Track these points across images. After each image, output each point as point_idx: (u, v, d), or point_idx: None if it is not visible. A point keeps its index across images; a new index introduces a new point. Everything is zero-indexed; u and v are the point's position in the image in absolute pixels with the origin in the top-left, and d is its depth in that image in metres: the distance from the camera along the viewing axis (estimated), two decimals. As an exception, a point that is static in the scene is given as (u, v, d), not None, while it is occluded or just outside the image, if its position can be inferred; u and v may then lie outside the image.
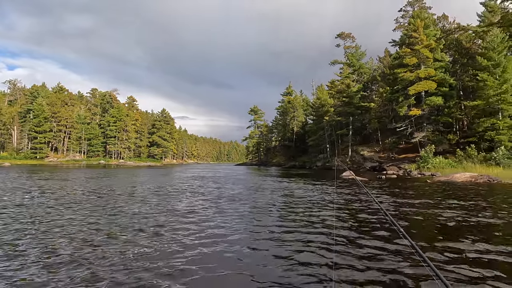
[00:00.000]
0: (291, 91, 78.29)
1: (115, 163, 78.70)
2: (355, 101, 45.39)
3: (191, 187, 15.01)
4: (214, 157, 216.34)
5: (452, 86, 34.38)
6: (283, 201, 10.03)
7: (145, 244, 4.91)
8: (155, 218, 6.99)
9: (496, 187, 14.06)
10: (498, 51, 28.29)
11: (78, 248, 4.65)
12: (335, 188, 13.82)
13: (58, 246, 4.78)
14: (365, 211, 8.04)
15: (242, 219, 7.09)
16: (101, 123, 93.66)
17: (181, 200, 10.12)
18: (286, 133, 75.40)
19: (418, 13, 36.11)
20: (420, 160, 30.06)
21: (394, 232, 5.47)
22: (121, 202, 9.53)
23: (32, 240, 5.10)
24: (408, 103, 34.17)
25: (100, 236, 5.39)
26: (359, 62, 53.20)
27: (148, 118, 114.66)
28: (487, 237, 5.42)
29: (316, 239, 5.32)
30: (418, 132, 34.33)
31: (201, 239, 5.27)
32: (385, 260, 4.24)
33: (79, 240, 5.10)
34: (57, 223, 6.34)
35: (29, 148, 78.44)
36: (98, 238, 5.23)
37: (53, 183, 15.57)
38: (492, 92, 27.80)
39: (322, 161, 49.99)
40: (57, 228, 5.92)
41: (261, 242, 5.16)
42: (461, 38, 39.65)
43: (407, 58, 33.92)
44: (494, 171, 20.71)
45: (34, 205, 8.67)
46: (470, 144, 29.17)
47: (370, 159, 40.51)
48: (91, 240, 5.11)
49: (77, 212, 7.61)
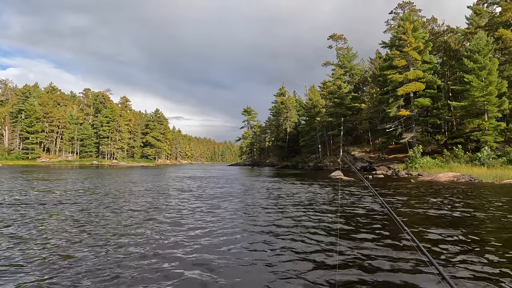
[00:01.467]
0: (284, 92, 78.77)
1: (108, 163, 78.50)
2: (346, 102, 45.99)
3: (181, 187, 15.32)
4: (208, 158, 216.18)
5: (440, 87, 35.11)
6: (278, 201, 10.39)
7: (135, 243, 5.11)
8: (144, 218, 7.31)
9: (475, 186, 14.60)
10: (483, 54, 28.99)
11: (68, 249, 4.96)
12: (339, 187, 14.01)
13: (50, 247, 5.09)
14: (366, 210, 8.34)
15: (240, 219, 7.25)
16: (94, 124, 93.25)
17: (167, 200, 10.44)
18: (279, 134, 75.88)
19: (407, 16, 36.74)
20: (409, 160, 30.69)
21: (398, 231, 5.61)
22: (109, 202, 9.81)
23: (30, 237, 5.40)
24: (397, 104, 34.82)
25: (87, 235, 5.70)
26: (351, 64, 53.86)
27: (141, 118, 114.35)
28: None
29: (319, 237, 5.41)
30: (407, 132, 34.97)
31: (198, 238, 5.50)
32: (389, 260, 4.25)
33: (67, 242, 5.41)
34: (54, 224, 6.63)
35: (21, 148, 77.90)
36: (84, 238, 5.54)
37: (50, 184, 15.76)
38: (478, 94, 28.49)
39: (314, 161, 50.51)
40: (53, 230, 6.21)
41: (261, 241, 5.24)
42: (450, 41, 40.50)
43: (396, 60, 34.54)
44: (479, 171, 21.32)
45: (29, 204, 8.93)
46: (458, 144, 29.92)
47: (361, 159, 41.10)
48: (79, 241, 5.41)
49: (63, 212, 7.90)
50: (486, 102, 28.51)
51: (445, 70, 39.39)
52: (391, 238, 5.34)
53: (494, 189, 13.41)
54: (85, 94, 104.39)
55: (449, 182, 16.49)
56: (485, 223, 6.66)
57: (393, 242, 5.09)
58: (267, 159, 78.59)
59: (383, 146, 38.81)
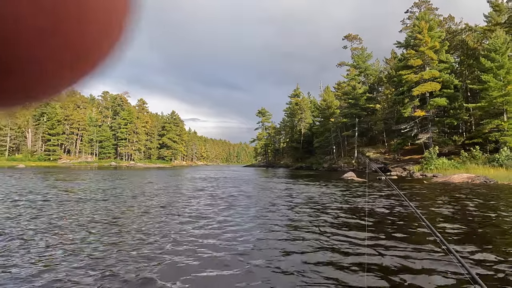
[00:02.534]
0: (299, 93, 78.69)
1: (126, 164, 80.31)
2: (361, 102, 45.65)
3: (196, 187, 15.75)
4: (223, 159, 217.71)
5: (457, 87, 34.44)
6: (293, 202, 10.63)
7: (153, 240, 5.49)
8: (161, 216, 7.69)
9: (489, 188, 14.40)
10: (501, 53, 28.34)
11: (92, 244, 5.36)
12: (366, 189, 13.92)
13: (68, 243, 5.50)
14: (392, 212, 8.33)
15: (263, 219, 7.45)
16: (112, 126, 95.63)
17: (184, 200, 10.82)
18: (293, 135, 75.82)
19: (423, 15, 36.25)
20: (424, 161, 30.28)
21: (426, 234, 5.60)
22: (131, 201, 10.27)
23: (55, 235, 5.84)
24: (412, 104, 34.40)
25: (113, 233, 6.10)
26: (365, 64, 53.39)
27: (158, 120, 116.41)
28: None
29: (345, 239, 5.41)
30: (423, 133, 34.47)
31: (217, 238, 5.77)
32: (418, 263, 4.20)
33: (94, 237, 5.82)
34: (84, 220, 7.09)
35: (43, 150, 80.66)
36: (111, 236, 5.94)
37: (76, 185, 16.48)
38: (496, 94, 27.88)
39: (328, 162, 50.31)
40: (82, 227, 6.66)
41: (288, 243, 5.31)
42: (468, 39, 39.62)
43: (411, 60, 34.16)
44: (496, 172, 20.91)
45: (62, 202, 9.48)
46: (475, 145, 29.31)
47: (376, 160, 40.72)
48: (102, 236, 5.81)
49: (93, 211, 8.38)
50: (505, 102, 27.87)
51: (462, 69, 38.58)
52: (419, 242, 5.27)
53: (504, 191, 13.22)
54: (103, 97, 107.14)
55: (463, 184, 16.30)
56: (492, 222, 6.71)
57: (425, 245, 5.03)
58: (281, 160, 78.63)
59: (398, 147, 38.36)
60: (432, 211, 8.35)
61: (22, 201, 9.98)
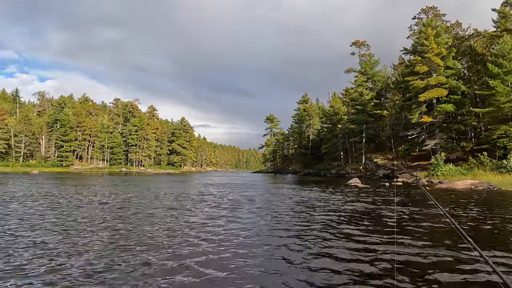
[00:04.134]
0: (307, 99, 78.96)
1: (136, 170, 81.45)
2: (368, 108, 45.70)
3: (205, 192, 16.18)
4: (233, 165, 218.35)
5: (465, 93, 34.28)
6: (302, 208, 10.97)
7: (161, 245, 5.80)
8: (169, 219, 8.13)
9: (490, 194, 14.46)
10: (509, 59, 28.24)
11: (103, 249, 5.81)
12: (394, 195, 13.95)
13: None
14: (423, 218, 8.46)
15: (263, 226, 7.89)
16: (123, 132, 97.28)
17: (193, 205, 11.25)
18: (302, 141, 75.92)
19: (429, 21, 36.33)
20: (431, 167, 30.17)
21: (458, 239, 5.73)
22: (142, 206, 10.76)
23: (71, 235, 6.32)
24: (419, 110, 34.36)
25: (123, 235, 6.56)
26: (373, 70, 53.44)
27: (168, 126, 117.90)
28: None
29: (376, 245, 5.55)
30: (430, 139, 34.35)
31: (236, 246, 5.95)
32: (449, 268, 4.28)
33: (106, 241, 6.28)
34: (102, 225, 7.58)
35: (56, 156, 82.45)
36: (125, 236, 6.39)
37: (89, 190, 17.12)
38: (504, 99, 27.73)
39: (336, 168, 50.31)
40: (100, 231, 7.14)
41: (317, 247, 5.53)
42: (477, 45, 39.43)
43: (418, 66, 34.19)
44: (502, 179, 20.81)
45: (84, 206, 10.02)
46: (484, 151, 29.08)
47: (383, 166, 40.63)
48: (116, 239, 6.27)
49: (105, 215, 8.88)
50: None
51: (471, 75, 38.38)
52: (454, 248, 5.42)
53: (505, 196, 13.29)
54: (115, 104, 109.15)
55: (466, 190, 16.36)
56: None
57: (456, 251, 5.15)
58: (290, 166, 78.70)
59: (406, 153, 38.23)
60: (416, 214, 8.60)
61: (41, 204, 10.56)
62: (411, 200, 12.50)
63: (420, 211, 9.49)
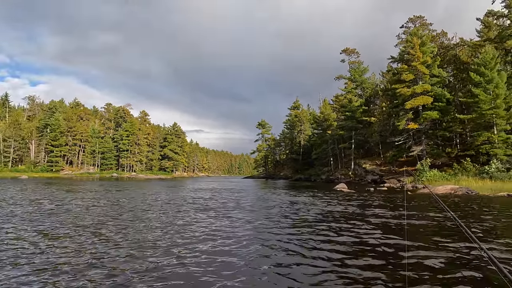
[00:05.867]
0: (298, 105, 79.80)
1: (127, 176, 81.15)
2: (357, 115, 46.52)
3: (194, 198, 16.48)
4: (225, 170, 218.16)
5: (450, 100, 35.24)
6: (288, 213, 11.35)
7: (151, 252, 5.93)
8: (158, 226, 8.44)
9: (466, 198, 15.07)
10: (490, 68, 29.22)
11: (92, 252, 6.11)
12: (405, 200, 14.10)
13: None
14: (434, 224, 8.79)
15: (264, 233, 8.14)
16: (114, 137, 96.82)
17: (181, 212, 11.56)
18: (293, 147, 76.60)
19: (415, 31, 37.39)
20: (417, 173, 30.90)
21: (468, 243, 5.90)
22: (125, 211, 11.03)
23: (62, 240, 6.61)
24: (406, 117, 35.18)
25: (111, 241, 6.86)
26: (362, 78, 54.48)
27: (160, 131, 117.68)
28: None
29: (385, 252, 5.67)
30: (417, 145, 35.16)
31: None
32: (460, 275, 4.37)
33: (99, 243, 6.58)
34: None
35: (46, 161, 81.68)
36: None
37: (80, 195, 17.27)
38: (486, 107, 28.64)
39: (326, 174, 50.93)
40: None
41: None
42: (462, 54, 40.59)
43: (404, 74, 35.09)
44: (482, 184, 21.52)
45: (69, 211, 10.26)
46: (468, 157, 29.94)
47: (372, 172, 41.33)
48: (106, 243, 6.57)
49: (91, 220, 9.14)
50: (494, 115, 28.60)
51: (455, 83, 39.46)
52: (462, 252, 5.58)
53: (482, 200, 13.88)
54: (106, 109, 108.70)
55: (446, 194, 16.97)
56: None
57: (466, 255, 5.31)
58: (281, 172, 79.20)
59: (393, 159, 39.00)
60: (378, 215, 9.07)
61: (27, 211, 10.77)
62: (388, 204, 13.00)
63: (391, 212, 9.97)
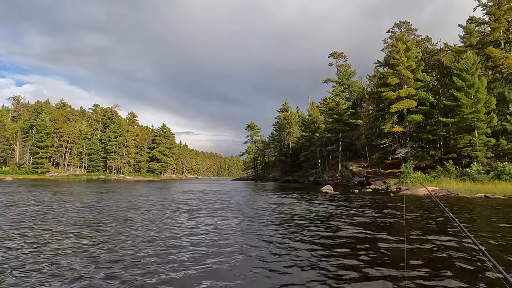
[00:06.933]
0: (287, 108, 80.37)
1: (115, 178, 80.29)
2: (344, 118, 47.19)
3: (179, 201, 16.59)
4: (214, 172, 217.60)
5: (433, 104, 36.14)
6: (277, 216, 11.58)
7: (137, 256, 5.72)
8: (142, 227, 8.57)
9: (445, 199, 15.59)
10: (471, 73, 30.13)
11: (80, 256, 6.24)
12: (404, 205, 14.13)
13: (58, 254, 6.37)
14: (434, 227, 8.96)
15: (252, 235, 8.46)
16: (102, 139, 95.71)
17: (167, 213, 11.70)
18: (282, 149, 77.05)
19: (400, 36, 38.24)
20: (401, 175, 31.59)
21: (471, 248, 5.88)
22: (110, 214, 11.11)
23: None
24: (391, 120, 35.93)
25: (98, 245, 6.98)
26: (349, 81, 55.33)
27: (148, 133, 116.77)
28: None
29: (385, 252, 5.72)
30: (401, 148, 35.91)
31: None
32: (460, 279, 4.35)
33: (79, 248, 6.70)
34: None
35: (31, 163, 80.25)
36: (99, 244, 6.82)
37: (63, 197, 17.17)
38: (467, 111, 29.51)
39: (314, 176, 51.42)
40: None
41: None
42: (445, 59, 41.67)
43: (390, 78, 35.86)
44: (461, 185, 22.20)
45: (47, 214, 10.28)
46: (451, 160, 30.82)
47: (358, 174, 41.98)
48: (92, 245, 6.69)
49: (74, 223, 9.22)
50: (476, 118, 29.48)
51: (439, 87, 40.47)
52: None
53: (460, 201, 14.41)
54: (94, 110, 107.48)
55: (425, 196, 17.49)
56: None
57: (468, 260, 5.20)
58: (270, 174, 79.55)
59: (379, 161, 39.73)
60: (354, 214, 9.41)
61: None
62: (369, 205, 13.38)
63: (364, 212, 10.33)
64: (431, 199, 15.95)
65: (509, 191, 17.57)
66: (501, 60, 32.16)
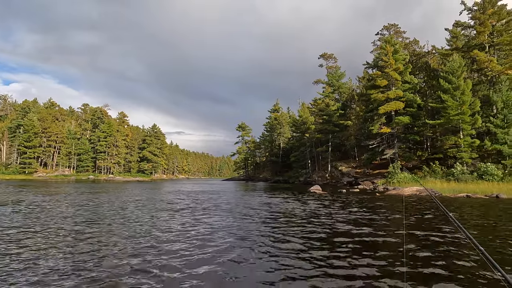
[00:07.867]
0: (278, 108, 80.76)
1: (104, 178, 79.55)
2: (334, 119, 47.73)
3: (169, 201, 16.67)
4: (205, 172, 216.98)
5: (421, 106, 36.84)
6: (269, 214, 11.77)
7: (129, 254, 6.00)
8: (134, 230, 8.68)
9: (429, 199, 16.02)
10: (457, 76, 30.85)
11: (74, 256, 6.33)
12: (403, 205, 14.15)
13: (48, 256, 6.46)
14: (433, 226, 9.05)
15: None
16: (91, 139, 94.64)
17: (157, 214, 11.81)
18: (273, 149, 77.42)
19: (389, 39, 38.87)
20: (389, 175, 32.15)
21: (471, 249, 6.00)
22: (100, 214, 11.18)
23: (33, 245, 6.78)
24: (379, 121, 36.50)
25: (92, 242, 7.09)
26: (339, 82, 55.96)
27: (139, 133, 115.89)
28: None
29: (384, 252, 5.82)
30: (389, 149, 36.51)
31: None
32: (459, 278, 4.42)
33: (75, 248, 6.79)
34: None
35: (18, 163, 79.00)
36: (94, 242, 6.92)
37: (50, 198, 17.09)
38: (453, 112, 30.19)
39: (304, 176, 51.85)
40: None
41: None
42: (432, 61, 42.51)
43: (378, 80, 36.43)
44: (446, 185, 22.77)
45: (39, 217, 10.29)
46: (436, 160, 31.49)
47: (348, 174, 42.50)
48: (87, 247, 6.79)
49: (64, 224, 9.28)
50: (461, 120, 30.19)
51: (426, 89, 41.24)
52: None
53: (443, 201, 14.83)
54: (83, 110, 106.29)
55: (411, 196, 17.94)
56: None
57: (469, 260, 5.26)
58: (261, 174, 79.82)
59: (368, 161, 40.29)
60: (337, 212, 9.70)
61: None
62: (353, 204, 13.70)
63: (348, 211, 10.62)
64: (414, 198, 16.36)
65: (490, 191, 18.14)
66: (485, 63, 32.96)
